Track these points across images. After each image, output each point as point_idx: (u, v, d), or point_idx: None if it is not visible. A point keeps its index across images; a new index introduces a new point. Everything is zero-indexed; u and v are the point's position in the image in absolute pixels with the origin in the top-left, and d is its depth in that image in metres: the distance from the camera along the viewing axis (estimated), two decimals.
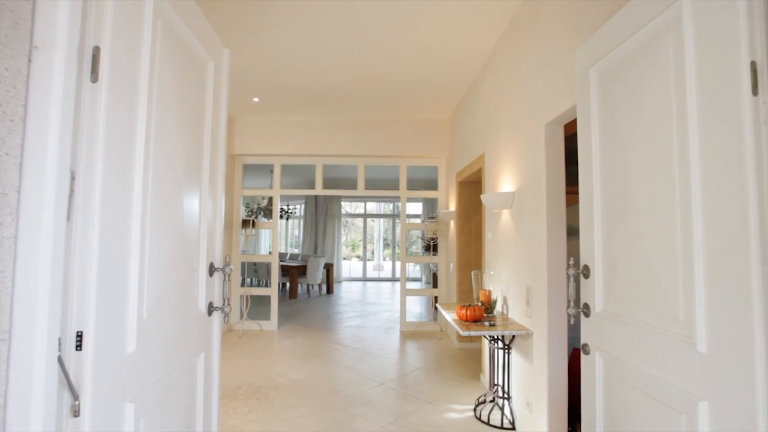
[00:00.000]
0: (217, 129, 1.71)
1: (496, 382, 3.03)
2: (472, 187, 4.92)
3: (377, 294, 9.46)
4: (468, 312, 2.76)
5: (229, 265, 1.65)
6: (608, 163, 1.53)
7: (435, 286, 5.76)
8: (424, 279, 11.44)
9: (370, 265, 12.54)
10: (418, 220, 11.47)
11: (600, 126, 1.59)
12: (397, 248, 12.85)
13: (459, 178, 4.86)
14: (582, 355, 1.69)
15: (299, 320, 6.34)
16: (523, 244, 2.76)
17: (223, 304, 1.65)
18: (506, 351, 2.87)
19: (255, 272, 9.40)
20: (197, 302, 1.54)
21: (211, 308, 1.63)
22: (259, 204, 11.63)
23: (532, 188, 2.61)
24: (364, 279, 12.16)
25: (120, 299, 1.01)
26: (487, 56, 3.61)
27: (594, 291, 1.59)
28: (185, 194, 1.40)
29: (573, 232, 2.89)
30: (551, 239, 2.37)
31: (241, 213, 5.82)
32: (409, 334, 5.51)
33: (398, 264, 12.26)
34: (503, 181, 3.18)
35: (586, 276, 1.65)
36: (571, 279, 1.69)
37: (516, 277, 2.88)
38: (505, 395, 2.89)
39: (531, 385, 2.60)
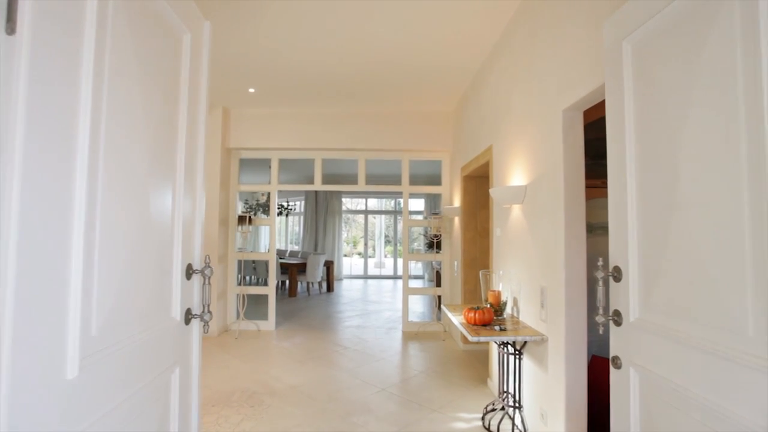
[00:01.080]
0: (196, 113, 1.50)
1: (505, 390, 2.83)
2: (477, 181, 4.70)
3: (378, 292, 9.27)
4: (476, 315, 2.56)
5: (209, 266, 1.45)
6: (647, 152, 1.32)
7: (438, 284, 5.56)
8: (426, 276, 11.24)
9: (371, 262, 12.35)
10: (420, 217, 11.26)
11: (636, 108, 1.37)
12: (399, 245, 12.64)
13: (464, 173, 4.64)
14: (612, 369, 1.48)
15: (298, 320, 6.15)
16: (536, 242, 2.55)
17: (203, 311, 1.45)
18: (517, 356, 2.67)
19: (254, 269, 9.21)
20: (171, 310, 1.33)
21: (188, 316, 1.43)
22: (257, 200, 11.44)
23: (546, 181, 2.40)
24: (366, 276, 11.96)
25: (54, 313, 0.81)
26: (496, 40, 3.38)
27: (628, 297, 1.38)
28: (152, 187, 1.20)
29: (591, 229, 2.67)
30: (569, 237, 2.16)
31: (238, 209, 5.61)
32: (412, 334, 5.32)
33: (400, 261, 12.06)
34: (514, 174, 2.97)
35: (617, 279, 1.44)
36: (600, 282, 1.48)
37: (528, 278, 2.67)
38: (516, 404, 2.69)
39: (545, 395, 2.40)
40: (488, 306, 2.79)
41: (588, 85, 1.94)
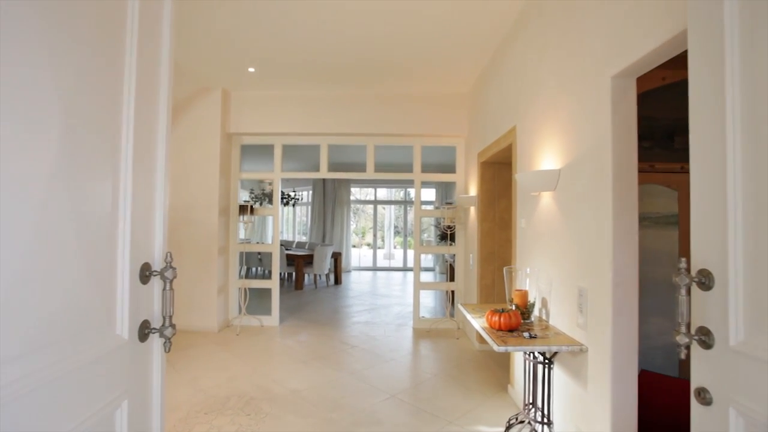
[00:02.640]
0: (153, 77, 1.16)
1: (531, 401, 2.50)
2: (496, 168, 4.32)
3: (388, 285, 8.96)
4: (502, 319, 2.21)
5: (170, 266, 1.12)
6: (760, 119, 0.95)
7: (451, 278, 5.22)
8: (437, 269, 10.90)
9: (380, 253, 12.04)
10: (430, 208, 10.88)
11: (742, 61, 1.00)
12: (409, 237, 12.31)
13: (481, 159, 4.26)
14: (694, 405, 1.13)
15: (304, 314, 5.87)
16: (572, 236, 2.18)
17: (163, 324, 1.13)
18: (547, 366, 2.32)
19: (260, 261, 8.96)
20: (115, 324, 1.01)
21: (145, 330, 1.11)
22: (263, 190, 11.16)
23: (588, 164, 2.02)
24: (374, 268, 11.66)
25: None
26: (521, 5, 2.98)
27: (726, 312, 1.02)
28: (73, 165, 0.86)
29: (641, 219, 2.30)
30: (619, 230, 1.80)
31: (240, 198, 5.31)
32: (423, 332, 4.99)
33: (410, 252, 11.74)
34: (543, 158, 2.59)
35: (706, 287, 1.09)
36: (682, 290, 1.12)
37: (562, 277, 2.31)
38: (545, 419, 2.35)
39: (583, 413, 2.05)
40: (514, 308, 2.44)
41: (647, 43, 1.56)
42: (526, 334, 2.13)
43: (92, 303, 0.93)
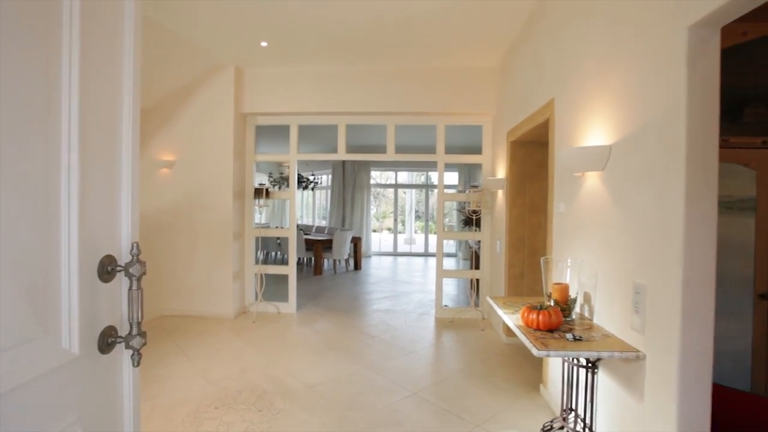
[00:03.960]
0: (110, 30, 0.91)
1: (570, 407, 2.22)
2: (528, 148, 3.97)
3: (409, 271, 8.73)
4: (541, 318, 1.93)
5: (136, 259, 0.89)
6: None
7: (476, 266, 4.92)
8: (460, 255, 10.59)
9: (401, 238, 11.79)
10: (453, 192, 10.51)
11: None
12: (430, 222, 12.00)
13: (511, 138, 3.91)
14: None
15: (322, 301, 5.70)
16: (626, 223, 1.86)
17: (130, 332, 0.90)
18: (590, 370, 2.04)
19: (279, 246, 8.86)
20: (60, 336, 0.79)
21: (108, 339, 0.88)
22: (282, 173, 11.01)
23: (649, 137, 1.69)
24: (395, 253, 11.44)
25: None
26: None
27: None
28: None
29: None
30: (693, 216, 1.47)
31: (255, 181, 5.12)
32: (446, 322, 4.75)
33: (431, 237, 11.44)
34: (587, 133, 2.26)
35: None
36: None
37: (610, 270, 2.00)
38: (587, 429, 2.08)
39: (635, 428, 1.77)
40: (553, 304, 2.15)
41: None
42: (569, 336, 1.84)
43: (19, 311, 0.70)
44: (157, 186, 4.83)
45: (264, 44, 4.10)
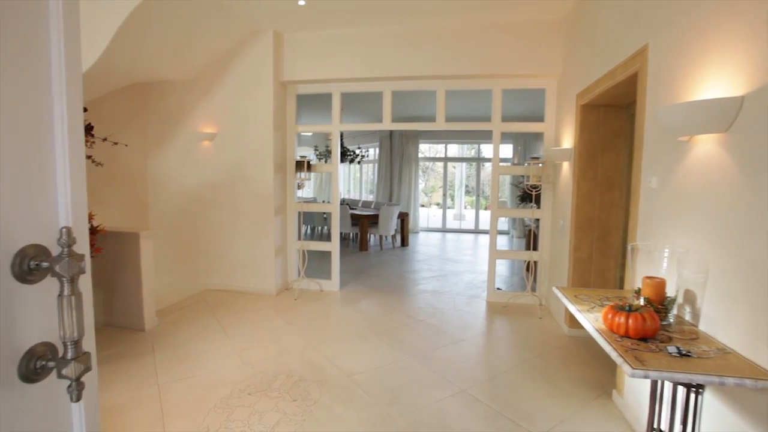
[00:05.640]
0: None
1: (660, 428, 1.80)
2: (602, 112, 3.38)
3: (458, 248, 8.31)
4: (632, 322, 1.51)
5: (69, 252, 0.61)
6: None
7: (533, 247, 4.43)
8: (513, 233, 9.98)
9: (450, 214, 11.31)
10: (506, 165, 9.80)
11: None
12: (481, 197, 11.38)
13: (582, 101, 3.34)
14: None
15: (366, 279, 5.48)
16: (764, 203, 1.37)
17: (63, 355, 0.63)
18: (696, 392, 1.60)
19: (324, 220, 8.75)
20: None
21: (36, 364, 0.62)
22: (327, 146, 10.80)
23: None
24: (443, 230, 11.01)
25: None
26: None
27: None
28: None
29: None
30: None
31: (296, 154, 4.89)
32: (498, 307, 4.35)
33: (482, 213, 10.87)
34: (701, 84, 1.73)
35: None
36: None
37: (734, 264, 1.52)
38: None
39: None
40: (643, 302, 1.71)
41: None
42: (672, 349, 1.41)
43: None
44: (198, 159, 4.74)
45: (302, 2, 3.75)
